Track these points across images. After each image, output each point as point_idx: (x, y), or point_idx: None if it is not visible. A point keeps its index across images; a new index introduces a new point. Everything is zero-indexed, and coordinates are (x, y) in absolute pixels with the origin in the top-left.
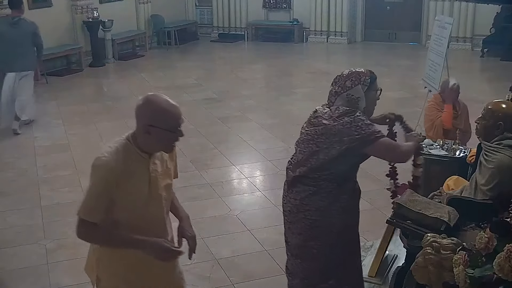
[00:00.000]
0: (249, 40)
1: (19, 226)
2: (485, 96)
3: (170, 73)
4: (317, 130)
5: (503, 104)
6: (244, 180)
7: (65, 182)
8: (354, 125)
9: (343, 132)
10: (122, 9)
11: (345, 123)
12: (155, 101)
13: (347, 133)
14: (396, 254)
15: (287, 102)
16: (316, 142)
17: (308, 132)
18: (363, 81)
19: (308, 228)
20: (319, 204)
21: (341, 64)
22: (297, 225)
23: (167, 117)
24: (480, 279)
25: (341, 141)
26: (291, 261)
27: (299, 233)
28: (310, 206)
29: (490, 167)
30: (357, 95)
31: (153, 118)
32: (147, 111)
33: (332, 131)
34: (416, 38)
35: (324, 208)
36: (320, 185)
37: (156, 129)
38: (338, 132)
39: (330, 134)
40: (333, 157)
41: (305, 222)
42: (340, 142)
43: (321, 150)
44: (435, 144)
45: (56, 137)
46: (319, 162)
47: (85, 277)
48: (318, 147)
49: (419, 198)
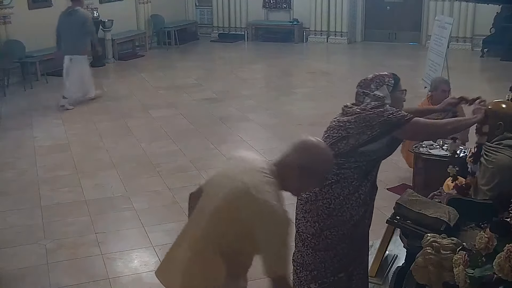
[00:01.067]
0: (249, 40)
1: (19, 226)
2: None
3: (170, 73)
4: (350, 118)
5: (503, 104)
6: None
7: (65, 182)
8: (386, 112)
9: (374, 119)
10: (122, 9)
11: (377, 111)
12: (323, 148)
13: (378, 118)
14: (396, 254)
15: (287, 102)
16: (347, 128)
17: (339, 120)
18: (387, 82)
19: (325, 217)
20: (339, 193)
21: (341, 64)
22: (314, 213)
23: (327, 166)
24: (480, 279)
25: (372, 126)
26: (302, 252)
27: (315, 221)
28: (330, 194)
29: (490, 167)
30: (383, 94)
31: (315, 164)
32: (313, 156)
33: (365, 118)
34: (416, 38)
35: (344, 197)
36: (342, 173)
37: (312, 175)
38: (370, 119)
39: (362, 120)
40: (363, 142)
41: (322, 211)
42: (371, 128)
43: (352, 135)
44: (435, 144)
45: (56, 137)
46: (348, 147)
47: (85, 277)
48: (348, 133)
49: (419, 198)
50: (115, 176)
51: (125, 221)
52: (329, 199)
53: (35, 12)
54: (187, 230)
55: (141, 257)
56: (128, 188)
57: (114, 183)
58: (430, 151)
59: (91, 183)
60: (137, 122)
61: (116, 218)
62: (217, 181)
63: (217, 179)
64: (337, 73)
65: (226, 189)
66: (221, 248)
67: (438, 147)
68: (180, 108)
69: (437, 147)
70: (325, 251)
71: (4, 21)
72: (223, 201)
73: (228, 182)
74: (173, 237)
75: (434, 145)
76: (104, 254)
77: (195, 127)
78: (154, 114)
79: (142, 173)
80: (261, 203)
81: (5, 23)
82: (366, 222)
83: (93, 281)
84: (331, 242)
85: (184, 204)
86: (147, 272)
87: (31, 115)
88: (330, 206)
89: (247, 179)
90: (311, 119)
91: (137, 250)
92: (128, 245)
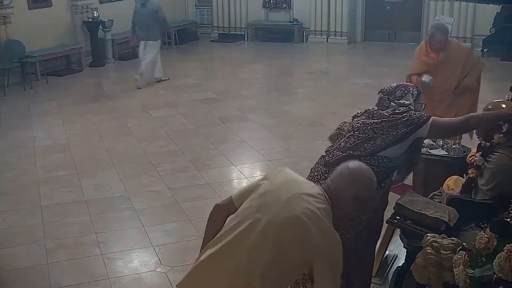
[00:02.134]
0: (249, 40)
1: (19, 226)
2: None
3: (170, 73)
4: (377, 121)
5: (503, 104)
6: (244, 180)
7: (65, 182)
8: (408, 113)
9: (399, 119)
10: (122, 9)
11: (402, 115)
12: (372, 175)
13: (402, 119)
14: (396, 254)
15: (287, 102)
16: (374, 129)
17: (365, 122)
18: (411, 91)
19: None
20: None
21: (341, 64)
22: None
23: (372, 191)
24: (480, 279)
25: (397, 126)
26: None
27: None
28: None
29: (490, 167)
30: (408, 101)
31: (368, 194)
32: (366, 186)
33: (391, 121)
34: (416, 38)
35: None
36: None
37: (360, 202)
38: (395, 120)
39: (388, 123)
40: (389, 142)
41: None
42: (396, 128)
43: (378, 136)
44: (435, 144)
45: (56, 137)
46: (374, 147)
47: (85, 277)
48: (375, 133)
49: (419, 198)
50: (115, 176)
51: (125, 221)
52: None
53: (35, 12)
54: (229, 252)
55: (141, 257)
56: (128, 188)
57: (114, 183)
58: (430, 151)
59: (91, 183)
60: (137, 122)
61: (116, 218)
62: (272, 207)
63: (271, 203)
64: (337, 73)
65: (287, 220)
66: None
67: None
68: (180, 108)
69: (437, 147)
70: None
71: (4, 21)
72: (285, 232)
73: (287, 210)
74: (173, 237)
75: (434, 145)
76: (104, 254)
77: (195, 127)
78: (154, 114)
79: (142, 173)
80: (324, 230)
81: (5, 23)
82: (373, 230)
83: (93, 281)
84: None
85: (184, 204)
86: (147, 272)
87: (31, 115)
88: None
89: (307, 209)
90: (311, 119)
91: (137, 250)
92: (128, 245)
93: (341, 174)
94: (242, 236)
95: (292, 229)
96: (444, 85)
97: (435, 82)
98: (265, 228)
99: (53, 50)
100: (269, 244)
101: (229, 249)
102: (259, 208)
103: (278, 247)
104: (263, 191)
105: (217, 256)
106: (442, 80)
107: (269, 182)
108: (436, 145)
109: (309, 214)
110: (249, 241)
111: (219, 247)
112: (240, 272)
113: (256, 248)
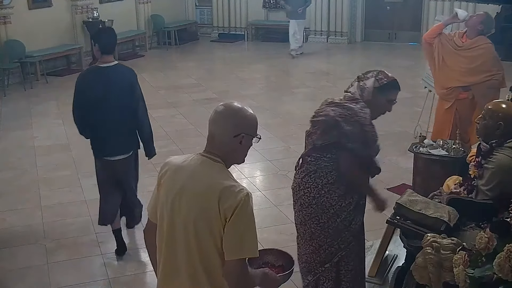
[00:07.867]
0: (249, 40)
1: (19, 226)
2: None
3: (170, 73)
4: (325, 111)
5: (503, 104)
6: (244, 180)
7: (65, 182)
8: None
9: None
10: (122, 9)
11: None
12: (241, 108)
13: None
14: (396, 254)
15: (287, 102)
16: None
17: (321, 111)
18: (379, 79)
19: (306, 205)
20: (318, 182)
21: (341, 64)
22: (298, 202)
23: (255, 122)
24: (480, 279)
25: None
26: (298, 244)
27: (299, 210)
28: (309, 183)
29: (490, 167)
30: (367, 85)
31: (245, 126)
32: (239, 120)
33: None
34: (416, 38)
35: (322, 186)
36: (319, 164)
37: (247, 136)
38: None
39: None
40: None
41: (304, 200)
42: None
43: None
44: (435, 144)
45: (56, 137)
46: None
47: (85, 277)
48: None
49: (419, 198)
50: None
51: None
52: (309, 188)
53: (35, 12)
54: (171, 258)
55: (141, 257)
56: None
57: None
58: (430, 151)
59: (91, 183)
60: None
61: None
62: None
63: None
64: (337, 73)
65: (197, 190)
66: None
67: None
68: (180, 108)
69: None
70: (310, 240)
71: (4, 21)
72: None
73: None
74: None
75: (434, 145)
76: (104, 254)
77: (195, 127)
78: (154, 114)
79: (142, 173)
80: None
81: (5, 23)
82: (351, 214)
83: (93, 281)
84: (314, 231)
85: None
86: (147, 272)
87: (31, 115)
88: (310, 195)
89: (209, 177)
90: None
91: (137, 250)
92: (128, 245)
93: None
94: (170, 239)
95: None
96: (453, 78)
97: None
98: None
99: (53, 50)
100: (191, 221)
101: (168, 259)
102: (165, 202)
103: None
104: (162, 187)
105: (165, 273)
106: (458, 70)
107: (164, 177)
108: (436, 145)
109: (228, 180)
110: (183, 235)
111: (160, 265)
112: (183, 271)
113: (181, 234)
